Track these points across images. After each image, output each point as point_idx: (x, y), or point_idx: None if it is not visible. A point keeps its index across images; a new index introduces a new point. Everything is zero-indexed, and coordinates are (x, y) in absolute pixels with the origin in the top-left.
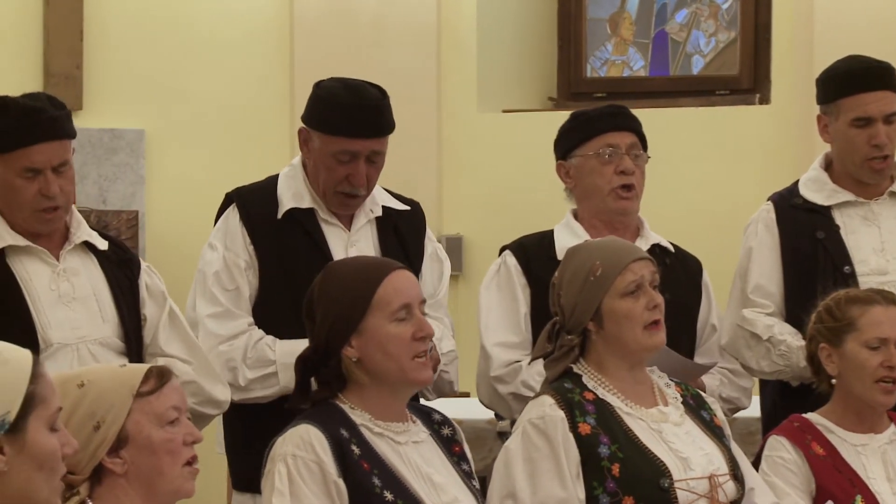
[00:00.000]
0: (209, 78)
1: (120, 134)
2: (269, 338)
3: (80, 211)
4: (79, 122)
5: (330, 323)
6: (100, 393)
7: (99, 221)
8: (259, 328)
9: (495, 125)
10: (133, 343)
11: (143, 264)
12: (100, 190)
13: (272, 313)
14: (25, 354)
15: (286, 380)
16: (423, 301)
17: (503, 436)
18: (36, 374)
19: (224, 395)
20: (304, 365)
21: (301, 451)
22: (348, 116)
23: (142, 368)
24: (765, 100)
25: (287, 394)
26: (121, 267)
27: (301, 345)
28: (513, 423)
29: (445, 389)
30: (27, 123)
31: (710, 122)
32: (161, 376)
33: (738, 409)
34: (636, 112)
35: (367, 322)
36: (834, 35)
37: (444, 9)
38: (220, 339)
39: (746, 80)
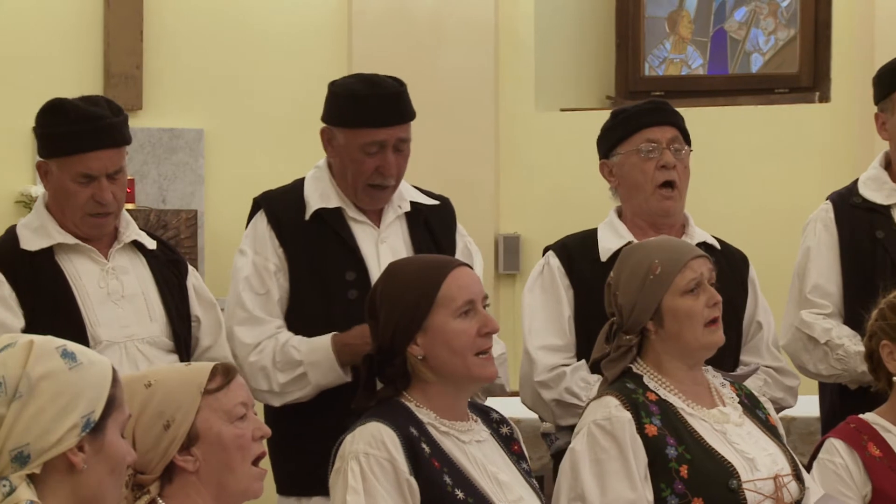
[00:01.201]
0: (268, 77)
1: (179, 133)
2: (296, 339)
3: (139, 210)
4: (138, 121)
5: (395, 322)
6: (167, 392)
7: (158, 220)
8: (293, 329)
9: (553, 124)
10: (181, 342)
11: (189, 267)
12: (159, 189)
13: (305, 314)
14: (105, 359)
15: (316, 378)
16: (486, 296)
17: (546, 437)
18: (115, 379)
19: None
20: (369, 364)
21: (373, 448)
22: (368, 107)
23: (207, 366)
24: (824, 98)
25: (322, 391)
26: (168, 267)
27: (324, 341)
28: (557, 426)
29: (496, 391)
30: (86, 130)
31: (769, 120)
32: (227, 373)
33: (782, 409)
34: (694, 111)
35: (432, 319)
36: (895, 32)
37: (502, 7)
38: (249, 349)
39: (806, 78)
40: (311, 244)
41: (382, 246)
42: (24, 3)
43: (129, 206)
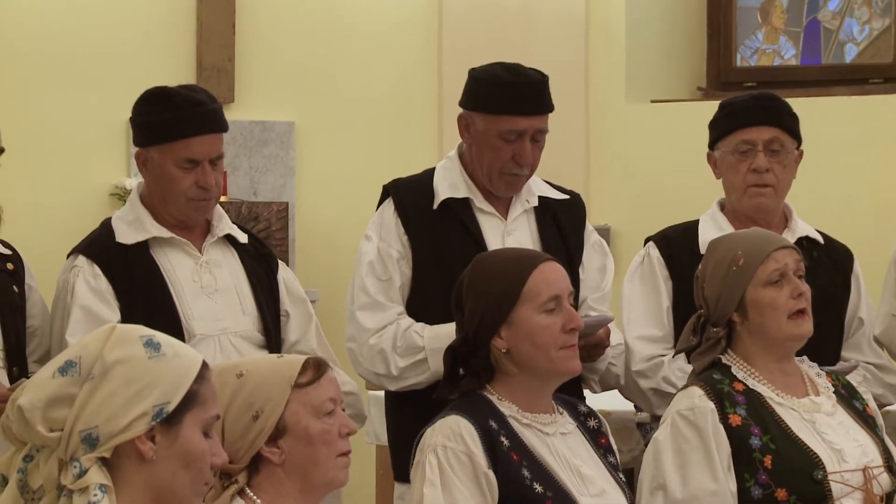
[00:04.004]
0: (358, 70)
1: (270, 126)
2: (418, 325)
3: (231, 202)
4: (230, 114)
5: (480, 314)
6: (258, 383)
7: (250, 213)
8: (413, 317)
9: (643, 115)
10: (273, 337)
11: (279, 262)
12: (251, 182)
13: (426, 303)
14: (197, 355)
15: (436, 364)
16: (572, 293)
17: (641, 427)
18: (202, 376)
19: (365, 410)
20: (452, 355)
21: (451, 442)
22: (512, 94)
23: (299, 359)
24: None
25: (440, 379)
26: (259, 261)
27: (448, 329)
28: (653, 416)
29: (612, 382)
30: (190, 115)
31: (863, 111)
32: (318, 368)
33: (882, 406)
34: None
35: (517, 313)
36: None
37: None
38: (369, 333)
39: None
40: (436, 233)
41: (509, 238)
42: None
43: (222, 198)
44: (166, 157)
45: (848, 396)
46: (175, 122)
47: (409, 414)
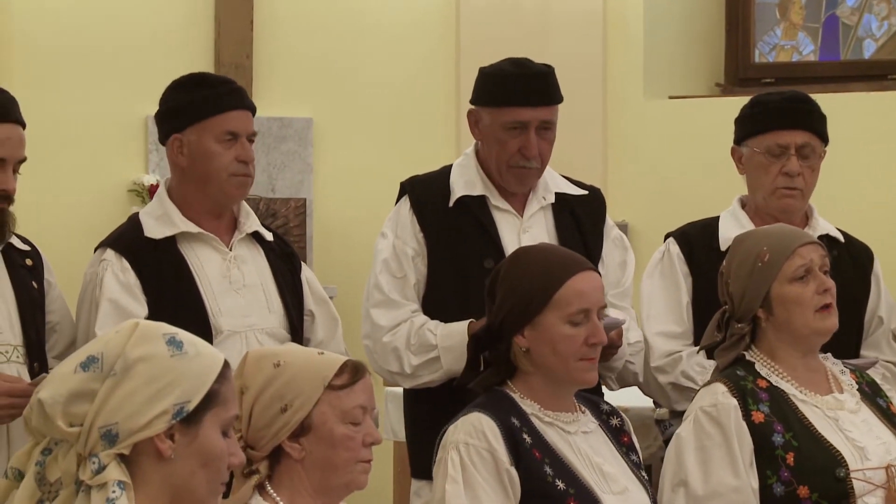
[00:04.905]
0: (376, 67)
1: (288, 122)
2: (432, 322)
3: (249, 198)
4: None
5: (507, 309)
6: (293, 376)
7: (268, 209)
8: (428, 314)
9: (662, 111)
10: (298, 335)
11: (302, 262)
12: (269, 178)
13: (441, 300)
14: (219, 355)
15: (448, 362)
16: (604, 306)
17: (660, 423)
18: (223, 375)
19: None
20: (476, 342)
21: (473, 439)
22: (515, 85)
23: (338, 360)
24: None
25: (453, 377)
26: (284, 260)
27: (462, 327)
28: (671, 411)
29: (630, 380)
30: (227, 90)
31: (881, 107)
32: (355, 372)
33: None
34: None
35: (543, 317)
36: None
37: None
38: (384, 331)
39: None
40: (452, 230)
41: (525, 236)
42: None
43: None
44: (206, 134)
45: (872, 394)
46: (214, 98)
47: (426, 410)
